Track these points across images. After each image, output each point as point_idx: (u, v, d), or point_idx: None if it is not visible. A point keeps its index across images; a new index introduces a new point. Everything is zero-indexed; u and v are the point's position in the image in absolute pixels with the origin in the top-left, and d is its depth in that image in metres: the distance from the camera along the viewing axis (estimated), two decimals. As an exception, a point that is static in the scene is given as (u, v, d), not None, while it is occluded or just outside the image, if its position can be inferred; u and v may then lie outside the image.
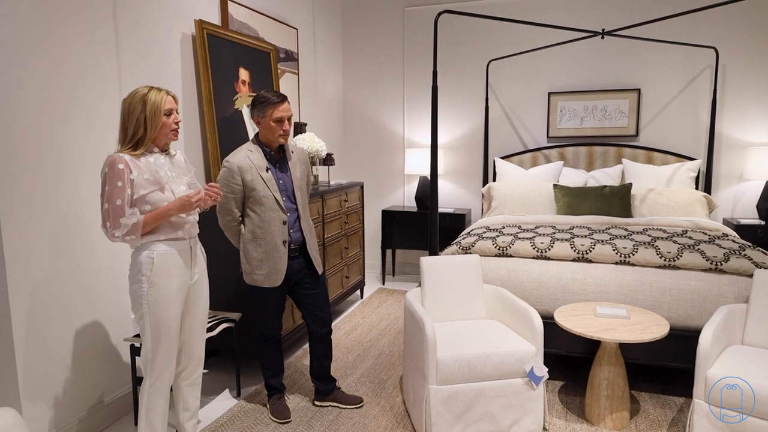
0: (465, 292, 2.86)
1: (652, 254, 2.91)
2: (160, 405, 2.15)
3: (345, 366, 3.32)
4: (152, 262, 2.05)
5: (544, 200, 4.18)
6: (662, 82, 4.49)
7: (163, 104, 2.04)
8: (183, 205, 2.04)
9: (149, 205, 2.04)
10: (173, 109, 2.09)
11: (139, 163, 2.03)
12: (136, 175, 2.00)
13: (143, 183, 2.02)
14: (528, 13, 4.72)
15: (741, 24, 4.24)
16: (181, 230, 2.13)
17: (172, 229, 2.10)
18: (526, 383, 2.44)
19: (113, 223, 1.98)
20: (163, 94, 2.06)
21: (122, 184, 1.97)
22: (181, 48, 3.15)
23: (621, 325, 2.52)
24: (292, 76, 4.40)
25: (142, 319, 2.08)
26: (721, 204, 4.45)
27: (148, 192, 2.03)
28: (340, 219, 4.10)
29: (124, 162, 1.99)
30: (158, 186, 2.05)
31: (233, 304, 3.13)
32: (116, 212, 1.98)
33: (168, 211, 2.04)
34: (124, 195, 1.98)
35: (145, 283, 2.05)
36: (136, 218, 1.99)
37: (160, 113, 2.04)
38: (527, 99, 4.86)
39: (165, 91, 2.08)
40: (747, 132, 4.34)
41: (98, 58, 2.58)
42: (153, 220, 2.03)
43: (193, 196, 2.04)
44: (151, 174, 2.04)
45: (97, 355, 2.62)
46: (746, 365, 2.23)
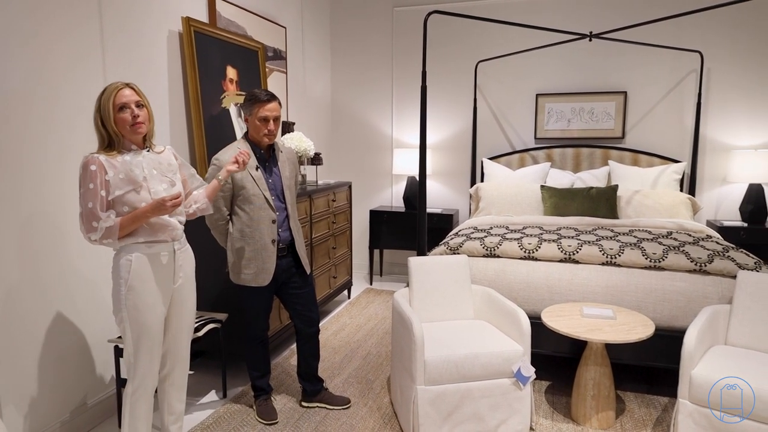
0: (453, 293, 2.86)
1: (637, 255, 2.94)
2: (143, 409, 2.11)
3: (332, 366, 3.31)
4: (130, 265, 1.99)
5: (531, 201, 4.20)
6: (648, 85, 4.54)
7: (113, 99, 1.92)
8: (157, 208, 1.94)
9: (126, 206, 1.96)
10: (127, 103, 1.94)
11: (115, 163, 1.95)
12: (111, 176, 1.93)
13: (119, 183, 1.94)
14: (517, 14, 4.74)
15: (726, 29, 4.30)
16: (161, 233, 2.05)
17: (152, 232, 2.03)
18: (513, 383, 2.45)
19: (87, 227, 1.92)
20: (115, 87, 1.94)
21: (94, 187, 1.90)
22: (167, 46, 3.11)
23: (607, 326, 2.54)
24: (281, 74, 4.37)
25: (123, 323, 2.03)
26: (705, 206, 4.51)
27: (124, 192, 1.95)
28: (327, 219, 4.08)
29: (98, 163, 1.92)
30: (133, 185, 1.97)
31: (219, 304, 3.10)
32: (89, 216, 1.91)
33: (144, 214, 1.95)
34: (96, 198, 1.90)
35: (123, 286, 1.99)
36: (112, 221, 1.93)
37: (110, 110, 1.92)
38: (515, 100, 4.89)
39: (122, 84, 1.96)
40: (731, 135, 4.41)
41: (83, 55, 2.54)
42: (129, 223, 1.95)
43: (168, 200, 1.93)
44: (126, 173, 1.96)
45: (79, 357, 2.58)
46: (730, 365, 2.26)
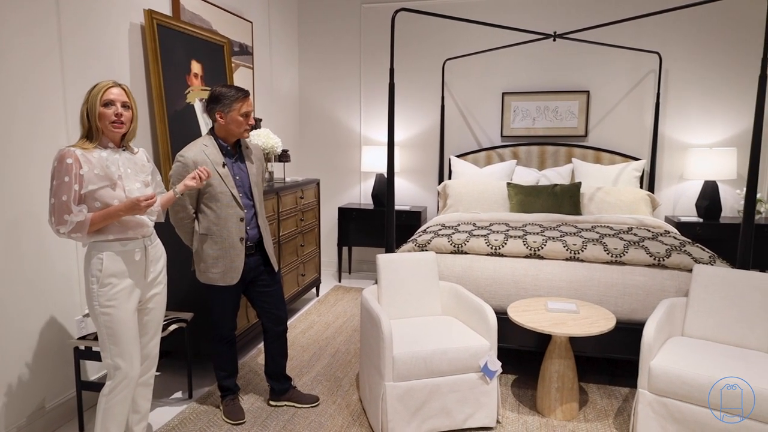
0: (421, 289, 2.88)
1: (599, 250, 3.02)
2: (118, 409, 2.10)
3: (301, 365, 3.29)
4: (101, 263, 2.01)
5: (498, 198, 4.26)
6: (610, 85, 4.66)
7: (101, 94, 1.98)
8: (132, 207, 1.97)
9: (98, 201, 1.98)
10: (114, 100, 2.00)
11: (91, 158, 1.97)
12: (86, 170, 1.95)
13: (93, 178, 1.96)
14: (484, 13, 4.80)
15: (683, 31, 4.45)
16: (131, 230, 2.07)
17: (123, 229, 2.04)
18: (480, 378, 2.48)
19: (57, 219, 1.93)
20: (106, 84, 2.00)
21: (69, 180, 1.91)
22: (129, 39, 3.03)
23: (571, 320, 2.61)
24: (247, 70, 4.31)
25: (97, 321, 2.04)
26: (663, 202, 4.67)
27: (98, 188, 1.97)
28: (296, 216, 4.05)
29: (74, 156, 1.93)
30: (109, 182, 1.99)
31: (185, 303, 3.04)
32: (61, 208, 1.92)
33: (117, 212, 1.97)
34: (70, 191, 1.92)
35: (95, 284, 2.01)
36: (83, 216, 1.93)
37: (97, 103, 1.98)
38: (482, 98, 4.94)
39: (112, 82, 2.02)
40: (687, 134, 4.56)
41: (41, 50, 2.45)
42: (101, 220, 1.97)
43: (142, 200, 1.96)
44: (102, 169, 1.98)
45: (38, 358, 2.49)
46: (686, 355, 2.35)
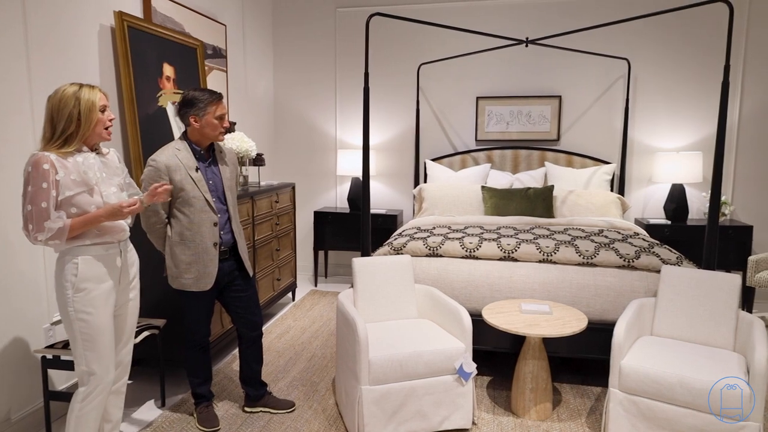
0: (397, 292, 2.89)
1: (572, 252, 3.07)
2: (92, 417, 2.05)
3: (276, 370, 3.27)
4: (76, 268, 1.96)
5: (472, 201, 4.31)
6: (581, 90, 4.76)
7: (98, 100, 1.97)
8: (114, 213, 1.95)
9: (75, 207, 1.93)
10: (107, 105, 2.02)
11: (67, 163, 1.92)
12: (62, 176, 1.89)
13: (70, 184, 1.91)
14: (458, 18, 4.85)
15: (651, 39, 4.57)
16: (108, 235, 2.03)
17: (99, 234, 2.00)
18: (455, 380, 2.50)
19: (36, 227, 1.87)
20: (96, 90, 1.99)
21: (47, 186, 1.86)
22: (98, 41, 2.97)
23: (544, 321, 2.65)
24: (220, 73, 4.27)
25: (71, 327, 1.99)
26: (633, 205, 4.78)
27: (75, 194, 1.92)
28: (271, 220, 4.02)
29: (50, 162, 1.87)
30: (86, 187, 1.95)
31: (157, 309, 2.99)
32: (41, 215, 1.86)
33: (97, 218, 1.94)
34: (49, 197, 1.86)
35: (70, 289, 1.96)
36: (62, 222, 1.88)
37: (96, 109, 1.96)
38: (457, 102, 4.99)
39: (97, 88, 2.00)
40: (655, 138, 4.68)
41: (7, 53, 2.38)
42: (80, 226, 1.92)
43: (125, 206, 1.94)
44: (79, 175, 1.93)
45: (2, 368, 2.42)
46: (655, 354, 2.41)
